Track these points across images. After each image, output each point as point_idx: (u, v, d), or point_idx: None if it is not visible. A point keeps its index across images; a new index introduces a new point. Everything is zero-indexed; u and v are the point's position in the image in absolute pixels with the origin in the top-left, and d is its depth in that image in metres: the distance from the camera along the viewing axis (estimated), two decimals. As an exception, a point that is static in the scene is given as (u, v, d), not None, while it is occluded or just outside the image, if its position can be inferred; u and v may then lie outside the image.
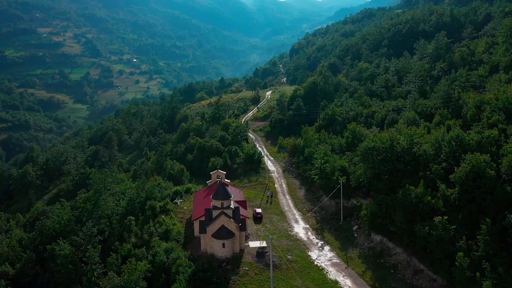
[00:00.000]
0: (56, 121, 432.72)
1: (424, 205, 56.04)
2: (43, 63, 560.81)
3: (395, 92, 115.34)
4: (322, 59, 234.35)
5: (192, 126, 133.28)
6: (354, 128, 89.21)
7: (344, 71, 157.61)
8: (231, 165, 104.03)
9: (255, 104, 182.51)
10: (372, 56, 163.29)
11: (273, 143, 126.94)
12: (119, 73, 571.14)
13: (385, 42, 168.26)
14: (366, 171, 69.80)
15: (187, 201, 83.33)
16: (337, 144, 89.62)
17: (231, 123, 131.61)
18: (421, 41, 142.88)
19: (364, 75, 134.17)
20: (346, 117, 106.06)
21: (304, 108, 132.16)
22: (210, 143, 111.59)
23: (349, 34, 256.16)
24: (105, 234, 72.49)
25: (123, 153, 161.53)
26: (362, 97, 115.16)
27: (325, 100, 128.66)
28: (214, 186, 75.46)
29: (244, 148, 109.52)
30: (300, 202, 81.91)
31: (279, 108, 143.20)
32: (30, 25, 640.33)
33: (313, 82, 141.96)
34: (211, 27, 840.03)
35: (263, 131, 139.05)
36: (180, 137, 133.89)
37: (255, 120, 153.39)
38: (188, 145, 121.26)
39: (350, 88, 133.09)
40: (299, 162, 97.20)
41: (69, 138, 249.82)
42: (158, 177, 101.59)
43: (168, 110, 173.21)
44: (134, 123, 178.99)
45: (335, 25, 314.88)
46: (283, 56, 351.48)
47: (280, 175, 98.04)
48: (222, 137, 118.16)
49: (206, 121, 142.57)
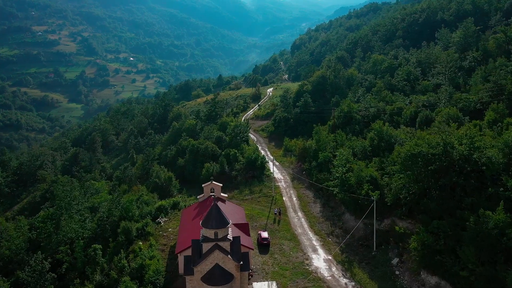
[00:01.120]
0: (49, 120, 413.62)
1: (510, 239, 38.26)
2: (37, 61, 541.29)
3: (420, 85, 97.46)
4: (327, 54, 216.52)
5: (184, 126, 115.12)
6: (380, 127, 71.34)
7: (355, 64, 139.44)
8: (229, 172, 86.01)
9: (255, 102, 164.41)
10: (386, 48, 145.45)
11: (277, 144, 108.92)
12: (115, 72, 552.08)
13: (399, 33, 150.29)
14: (408, 184, 52.01)
15: (173, 219, 65.30)
16: (359, 147, 71.65)
17: (229, 122, 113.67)
18: (444, 30, 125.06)
19: (381, 68, 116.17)
20: (366, 114, 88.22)
21: (312, 105, 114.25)
22: (205, 146, 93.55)
23: (354, 28, 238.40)
24: (62, 268, 54.41)
25: (110, 156, 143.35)
26: (382, 92, 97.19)
27: (337, 95, 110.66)
28: (207, 202, 57.68)
29: (245, 151, 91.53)
30: (317, 221, 63.89)
31: (283, 105, 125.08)
32: (25, 23, 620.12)
33: (321, 76, 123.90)
34: (209, 26, 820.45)
35: (265, 131, 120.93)
36: (171, 138, 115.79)
37: (256, 119, 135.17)
38: (179, 147, 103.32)
39: (365, 82, 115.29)
40: (311, 169, 79.29)
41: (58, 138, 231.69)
42: (141, 187, 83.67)
43: (160, 108, 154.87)
44: (122, 122, 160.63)
45: (338, 20, 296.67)
46: (284, 53, 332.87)
47: (289, 184, 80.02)
48: (219, 138, 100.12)
49: (201, 120, 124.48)
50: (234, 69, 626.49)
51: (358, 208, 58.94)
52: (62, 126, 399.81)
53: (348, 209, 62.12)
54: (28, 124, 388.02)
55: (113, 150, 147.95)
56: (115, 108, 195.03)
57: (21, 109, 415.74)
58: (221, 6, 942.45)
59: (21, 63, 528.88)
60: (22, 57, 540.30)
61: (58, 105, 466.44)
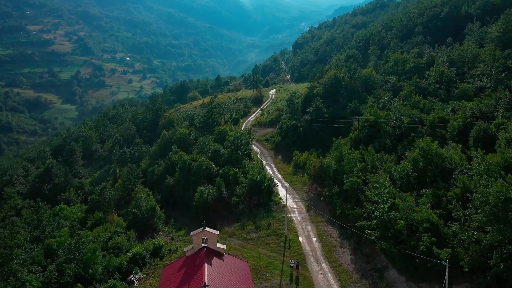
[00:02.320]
0: (41, 122, 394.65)
1: None
2: (31, 61, 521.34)
3: (458, 89, 79.59)
4: (332, 52, 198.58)
5: (175, 135, 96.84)
6: (428, 146, 53.24)
7: (371, 64, 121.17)
8: (228, 198, 67.92)
9: (257, 105, 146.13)
10: (404, 45, 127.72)
11: (285, 158, 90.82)
12: (111, 72, 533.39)
13: (418, 29, 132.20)
14: (499, 244, 34.13)
15: (151, 275, 47.21)
16: (400, 172, 53.67)
17: (228, 131, 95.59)
18: (476, 24, 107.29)
19: (405, 68, 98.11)
20: (398, 125, 70.21)
21: (325, 111, 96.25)
22: (199, 162, 75.40)
23: (361, 25, 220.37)
24: None
25: (93, 167, 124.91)
26: (413, 97, 79.23)
27: (354, 100, 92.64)
28: (197, 260, 39.74)
29: (247, 170, 73.49)
30: (349, 279, 45.73)
31: (290, 111, 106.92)
32: (20, 22, 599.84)
33: (334, 77, 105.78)
34: (208, 26, 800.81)
35: (270, 141, 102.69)
36: (160, 150, 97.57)
37: (259, 126, 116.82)
38: (168, 162, 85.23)
39: (386, 84, 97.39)
40: (333, 196, 61.32)
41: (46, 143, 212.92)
42: (117, 219, 65.49)
43: (150, 112, 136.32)
44: (109, 128, 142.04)
45: (342, 18, 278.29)
46: (285, 52, 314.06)
47: (304, 216, 61.91)
48: (216, 152, 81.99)
49: (196, 128, 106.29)
50: (233, 69, 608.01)
51: (412, 266, 41.02)
52: (54, 128, 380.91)
53: (395, 265, 44.10)
54: (19, 126, 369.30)
55: (97, 160, 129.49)
56: (103, 112, 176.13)
57: (13, 110, 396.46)
58: (219, 5, 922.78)
59: (14, 63, 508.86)
60: (16, 57, 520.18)
61: (52, 106, 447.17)
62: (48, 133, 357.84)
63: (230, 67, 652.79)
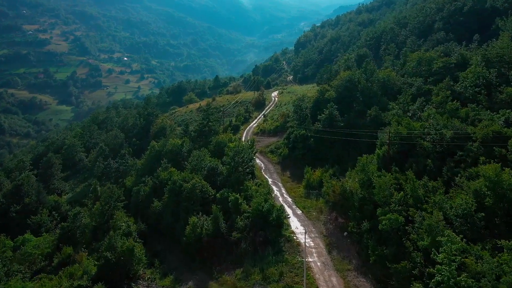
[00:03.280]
0: (35, 124, 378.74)
1: None
2: (27, 61, 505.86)
3: (503, 94, 65.29)
4: (338, 52, 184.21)
5: (166, 147, 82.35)
6: (497, 174, 38.93)
7: (387, 64, 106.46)
8: (228, 233, 53.52)
9: (259, 109, 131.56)
10: (423, 43, 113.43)
11: (294, 175, 76.46)
12: (108, 72, 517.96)
13: (438, 25, 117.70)
14: None
15: None
16: (459, 211, 39.36)
17: (227, 141, 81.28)
18: (511, 19, 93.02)
19: (433, 68, 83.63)
20: (437, 140, 55.84)
21: (340, 118, 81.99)
22: (191, 184, 61.01)
23: (368, 23, 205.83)
24: None
25: (75, 180, 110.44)
26: (448, 104, 64.91)
27: (375, 107, 78.30)
28: None
29: (251, 195, 59.11)
30: None
31: (298, 118, 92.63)
32: (16, 22, 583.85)
33: (348, 79, 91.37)
34: (206, 25, 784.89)
35: (275, 153, 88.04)
36: (149, 164, 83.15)
37: (262, 135, 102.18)
38: (156, 181, 70.98)
39: (410, 87, 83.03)
40: (363, 234, 47.09)
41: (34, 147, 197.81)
42: (86, 261, 50.97)
43: (141, 118, 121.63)
44: (97, 135, 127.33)
45: (347, 15, 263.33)
46: (286, 52, 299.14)
47: (325, 260, 47.38)
48: (213, 170, 67.68)
49: (190, 137, 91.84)
50: (232, 69, 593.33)
51: None
52: (48, 130, 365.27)
53: None
54: (11, 128, 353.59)
55: (81, 171, 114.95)
56: (92, 116, 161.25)
57: (5, 112, 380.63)
58: (218, 5, 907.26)
59: (9, 63, 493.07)
60: (11, 57, 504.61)
61: (47, 107, 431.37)
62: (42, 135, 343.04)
63: (229, 67, 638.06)
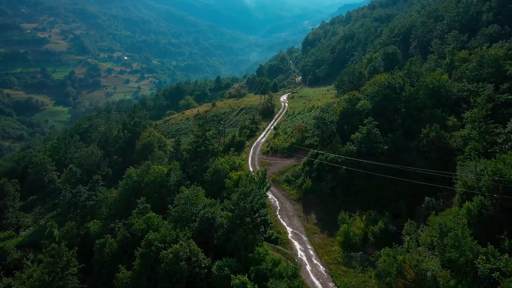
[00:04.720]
0: (29, 126, 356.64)
1: None
2: (24, 61, 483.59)
3: None
4: (355, 50, 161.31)
5: (147, 178, 59.77)
6: None
7: (429, 65, 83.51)
8: None
9: (267, 119, 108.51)
10: (471, 39, 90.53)
11: (322, 220, 53.75)
12: (107, 71, 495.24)
13: (487, 17, 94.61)
14: None
15: None
16: None
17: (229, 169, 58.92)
18: None
19: (508, 71, 60.85)
20: None
21: (382, 139, 59.42)
22: (174, 251, 38.57)
23: (385, 18, 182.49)
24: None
25: (44, 207, 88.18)
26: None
27: (435, 125, 55.63)
28: None
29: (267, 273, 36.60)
30: None
31: (320, 133, 70.08)
32: (14, 20, 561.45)
33: (387, 85, 68.69)
34: (208, 24, 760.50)
35: (294, 184, 64.50)
36: (123, 200, 60.73)
37: (273, 155, 78.61)
38: (128, 234, 48.67)
39: (476, 96, 60.26)
40: None
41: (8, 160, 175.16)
42: None
43: (125, 130, 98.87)
44: (73, 149, 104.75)
45: (359, 11, 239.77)
46: (292, 51, 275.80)
47: None
48: (208, 222, 45.14)
49: (181, 161, 69.34)
50: (234, 69, 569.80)
51: None
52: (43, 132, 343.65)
53: None
54: (4, 130, 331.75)
55: (52, 195, 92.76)
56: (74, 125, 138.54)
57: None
58: (220, 3, 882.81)
59: (6, 63, 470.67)
60: (8, 56, 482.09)
61: (43, 108, 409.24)
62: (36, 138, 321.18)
63: (231, 67, 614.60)
